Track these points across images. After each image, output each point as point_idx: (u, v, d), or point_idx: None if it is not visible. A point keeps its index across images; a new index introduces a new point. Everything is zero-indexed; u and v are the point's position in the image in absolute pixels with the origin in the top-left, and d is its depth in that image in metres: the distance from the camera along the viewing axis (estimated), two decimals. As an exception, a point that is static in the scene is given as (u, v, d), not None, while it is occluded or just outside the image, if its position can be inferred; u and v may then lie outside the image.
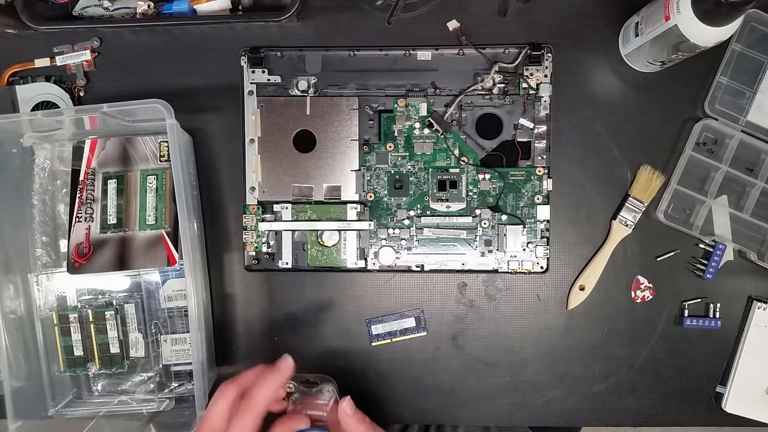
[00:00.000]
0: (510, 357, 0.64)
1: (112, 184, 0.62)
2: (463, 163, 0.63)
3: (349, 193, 0.63)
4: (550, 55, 0.63)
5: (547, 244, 0.63)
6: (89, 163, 0.63)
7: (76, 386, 0.64)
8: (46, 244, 0.64)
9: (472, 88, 0.63)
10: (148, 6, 0.62)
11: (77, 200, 0.62)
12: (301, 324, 0.65)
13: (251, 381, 0.51)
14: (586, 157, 0.64)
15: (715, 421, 0.64)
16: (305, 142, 0.63)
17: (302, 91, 0.64)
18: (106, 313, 0.63)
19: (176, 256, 0.61)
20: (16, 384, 0.57)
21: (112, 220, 0.62)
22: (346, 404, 0.53)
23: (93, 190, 0.62)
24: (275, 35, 0.64)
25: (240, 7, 0.63)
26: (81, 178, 0.62)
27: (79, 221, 0.62)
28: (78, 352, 0.63)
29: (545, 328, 0.64)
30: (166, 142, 0.62)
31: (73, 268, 0.61)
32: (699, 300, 0.64)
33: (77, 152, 0.63)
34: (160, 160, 0.63)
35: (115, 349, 0.63)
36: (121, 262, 0.61)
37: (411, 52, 0.63)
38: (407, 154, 0.64)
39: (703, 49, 0.54)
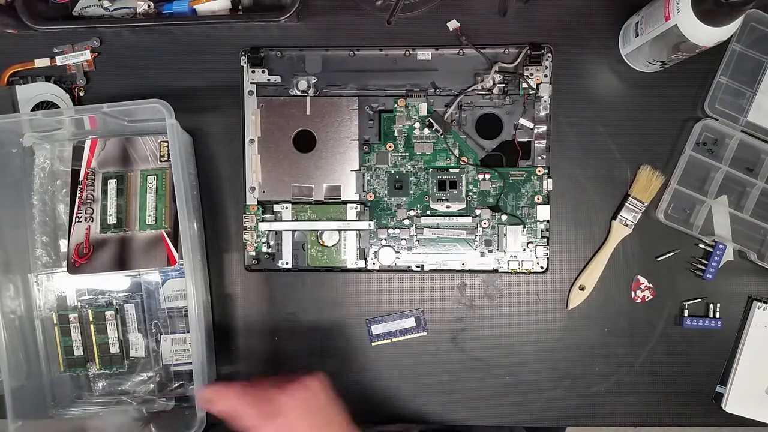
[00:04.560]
0: (510, 357, 0.64)
1: (112, 184, 0.62)
2: (463, 163, 0.63)
3: (349, 193, 0.63)
4: (550, 55, 0.63)
5: (547, 244, 0.63)
6: (89, 163, 0.62)
7: (76, 386, 0.64)
8: (46, 244, 0.64)
9: (472, 88, 0.63)
10: (148, 6, 0.62)
11: (77, 200, 0.62)
12: (301, 324, 0.65)
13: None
14: (586, 157, 0.64)
15: (715, 421, 0.64)
16: (305, 142, 0.63)
17: (302, 91, 0.63)
18: (106, 313, 0.63)
19: (176, 256, 0.61)
20: (16, 384, 0.57)
21: (112, 220, 0.62)
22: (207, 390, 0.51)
23: (93, 190, 0.62)
24: (275, 35, 0.64)
25: (240, 7, 0.63)
26: (81, 178, 0.62)
27: (79, 221, 0.62)
28: (78, 352, 0.63)
29: (545, 328, 0.64)
30: (166, 142, 0.62)
31: (73, 268, 0.61)
32: (699, 300, 0.64)
33: (77, 152, 0.63)
34: (160, 160, 0.63)
35: (115, 349, 0.63)
36: (121, 262, 0.61)
37: (411, 52, 0.63)
38: (407, 154, 0.64)
39: (703, 49, 0.54)
